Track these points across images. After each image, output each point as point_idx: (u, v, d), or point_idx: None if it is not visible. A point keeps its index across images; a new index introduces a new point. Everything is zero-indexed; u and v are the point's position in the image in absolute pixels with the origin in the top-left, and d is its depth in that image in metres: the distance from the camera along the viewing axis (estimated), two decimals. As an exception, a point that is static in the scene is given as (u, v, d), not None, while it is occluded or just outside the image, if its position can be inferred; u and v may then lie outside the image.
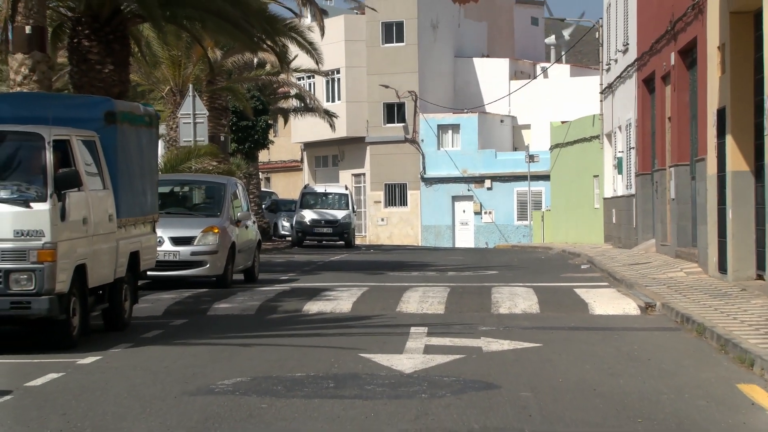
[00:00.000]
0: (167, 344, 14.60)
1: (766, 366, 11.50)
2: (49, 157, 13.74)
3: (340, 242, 46.02)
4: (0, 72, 25.72)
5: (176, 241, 22.31)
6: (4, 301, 13.35)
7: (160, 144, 30.02)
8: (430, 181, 64.34)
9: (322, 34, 43.24)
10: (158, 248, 19.28)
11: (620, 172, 39.00)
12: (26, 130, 14.28)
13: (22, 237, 13.39)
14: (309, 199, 48.10)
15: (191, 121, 35.55)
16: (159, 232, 19.36)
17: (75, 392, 10.96)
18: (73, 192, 13.92)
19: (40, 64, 23.17)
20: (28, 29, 23.02)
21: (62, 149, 14.10)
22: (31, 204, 13.48)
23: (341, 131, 62.58)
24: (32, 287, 13.35)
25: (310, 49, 42.52)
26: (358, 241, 50.99)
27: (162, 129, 32.69)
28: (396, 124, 65.18)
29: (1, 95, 20.29)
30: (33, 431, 9.14)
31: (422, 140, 64.43)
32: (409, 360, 12.71)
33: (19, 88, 22.73)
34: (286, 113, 56.18)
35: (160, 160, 24.97)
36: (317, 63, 44.54)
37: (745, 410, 9.96)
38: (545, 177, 56.75)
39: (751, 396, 10.54)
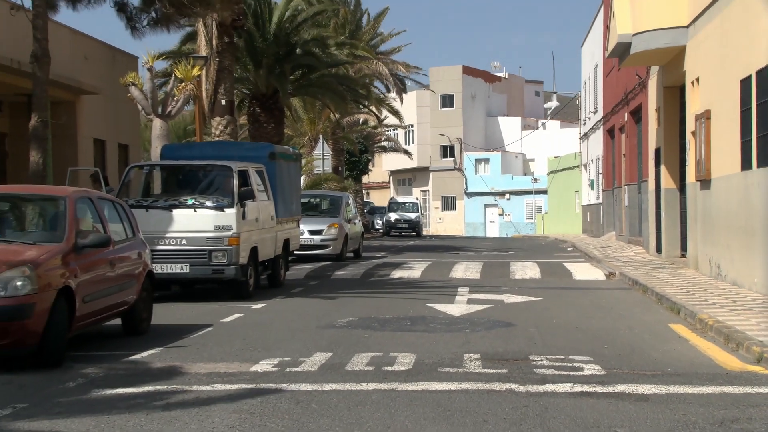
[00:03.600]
0: (306, 296, 14.77)
1: (688, 312, 11.40)
2: (235, 181, 14.00)
3: (413, 233, 46.00)
4: (206, 128, 26.15)
5: (312, 232, 22.51)
6: (208, 269, 13.63)
7: (303, 172, 30.38)
8: (470, 195, 64.22)
9: (401, 102, 43.74)
10: (301, 236, 19.53)
11: (593, 188, 38.67)
12: (222, 164, 14.56)
13: (219, 229, 13.64)
14: (393, 206, 48.28)
15: (321, 158, 36.01)
16: (301, 227, 19.59)
17: (251, 325, 11.16)
18: (249, 202, 14.17)
19: (230, 123, 23.55)
20: (223, 102, 23.41)
21: (243, 176, 14.36)
22: (224, 209, 13.72)
23: (414, 163, 62.74)
24: (225, 261, 13.59)
25: (397, 113, 43.02)
26: (424, 233, 50.93)
27: (303, 162, 33.07)
28: (448, 159, 65.25)
29: (208, 143, 20.67)
30: (225, 349, 9.27)
31: (465, 169, 64.27)
32: (457, 308, 12.72)
33: (217, 138, 23.14)
34: (379, 151, 56.39)
35: (302, 182, 25.27)
36: (400, 121, 45.17)
37: (675, 341, 9.88)
38: (544, 192, 56.59)
39: (678, 332, 10.46)
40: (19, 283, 7.93)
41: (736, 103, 14.06)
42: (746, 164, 13.60)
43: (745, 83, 13.55)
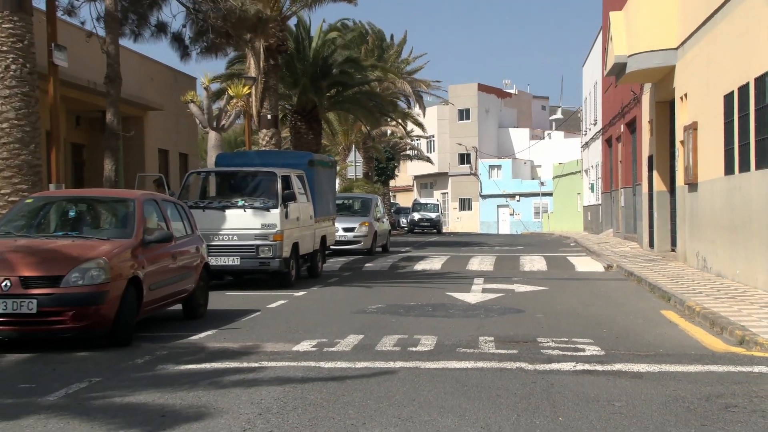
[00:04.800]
0: (341, 286, 14.73)
1: (678, 300, 11.29)
2: (279, 185, 14.03)
3: (434, 231, 45.77)
4: (254, 139, 26.23)
5: (345, 229, 22.48)
6: (256, 262, 13.67)
7: (337, 177, 30.40)
8: (484, 197, 63.99)
9: (424, 115, 43.68)
10: (336, 233, 19.50)
11: (593, 191, 38.38)
12: (267, 170, 14.59)
13: (265, 227, 13.68)
14: (417, 206, 48.07)
15: (353, 165, 36.00)
16: (336, 225, 19.56)
17: (293, 310, 11.17)
18: (291, 203, 14.17)
19: (275, 135, 23.63)
20: (269, 116, 23.51)
21: (286, 180, 14.37)
22: (270, 210, 13.77)
23: (435, 169, 62.72)
24: (271, 254, 13.63)
25: (420, 125, 42.96)
26: (444, 230, 50.75)
27: (338, 169, 33.11)
28: (465, 165, 65.12)
29: (256, 152, 20.72)
30: (271, 331, 9.29)
31: (480, 174, 64.08)
32: (473, 296, 12.67)
33: (263, 148, 23.23)
34: (404, 159, 56.35)
35: (337, 186, 25.26)
36: (423, 132, 45.08)
37: (665, 325, 9.78)
38: (550, 194, 56.26)
39: (668, 317, 10.35)
40: (95, 273, 8.02)
41: (720, 116, 13.91)
42: (729, 170, 13.46)
43: (728, 98, 13.41)
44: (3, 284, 7.81)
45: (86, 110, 22.06)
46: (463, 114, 64.99)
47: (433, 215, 46.42)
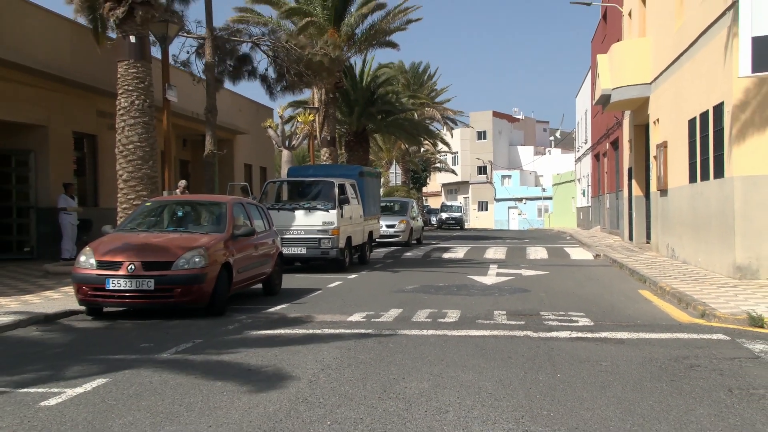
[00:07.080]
0: (384, 270, 14.64)
1: (652, 282, 11.08)
2: (336, 191, 14.03)
3: (458, 227, 45.38)
4: (317, 155, 26.38)
5: (388, 226, 22.38)
6: (318, 251, 13.66)
7: (381, 185, 30.36)
8: (498, 200, 63.35)
9: (452, 136, 43.33)
10: (380, 229, 19.47)
11: (584, 196, 37.78)
12: (327, 180, 14.56)
13: (326, 224, 13.69)
14: (444, 208, 47.65)
15: (394, 175, 35.90)
16: (380, 222, 19.53)
17: (346, 289, 11.16)
18: (346, 205, 14.18)
19: (333, 152, 23.71)
20: (328, 138, 23.58)
21: (341, 188, 14.38)
22: (329, 210, 13.77)
23: (458, 178, 62.37)
24: (330, 246, 13.64)
25: (447, 144, 42.68)
26: (466, 227, 50.35)
27: (382, 178, 33.06)
28: (482, 175, 64.56)
29: (318, 165, 20.79)
30: (330, 305, 9.32)
31: (494, 182, 63.54)
32: (489, 279, 12.56)
33: (324, 162, 23.34)
34: (434, 170, 56.06)
35: (380, 192, 25.28)
36: (449, 149, 44.72)
37: (642, 302, 9.60)
38: (550, 198, 55.57)
39: (644, 296, 10.16)
40: (197, 260, 8.18)
41: (685, 137, 13.65)
42: (692, 179, 13.21)
43: (692, 122, 13.15)
44: (129, 267, 8.02)
45: (191, 134, 22.50)
46: (481, 135, 64.61)
47: (457, 215, 46.10)
